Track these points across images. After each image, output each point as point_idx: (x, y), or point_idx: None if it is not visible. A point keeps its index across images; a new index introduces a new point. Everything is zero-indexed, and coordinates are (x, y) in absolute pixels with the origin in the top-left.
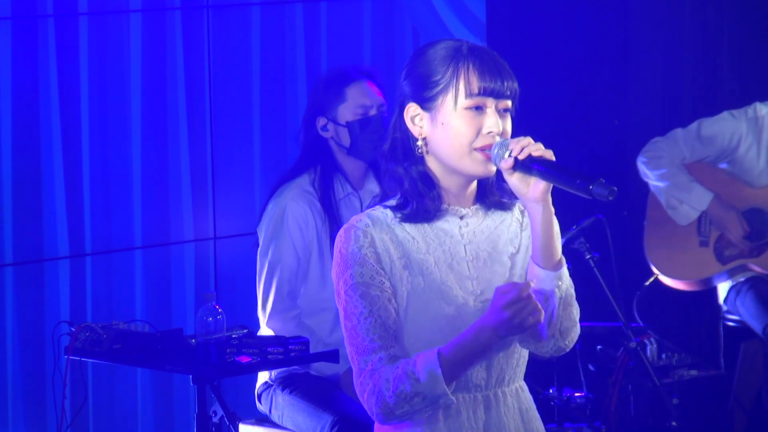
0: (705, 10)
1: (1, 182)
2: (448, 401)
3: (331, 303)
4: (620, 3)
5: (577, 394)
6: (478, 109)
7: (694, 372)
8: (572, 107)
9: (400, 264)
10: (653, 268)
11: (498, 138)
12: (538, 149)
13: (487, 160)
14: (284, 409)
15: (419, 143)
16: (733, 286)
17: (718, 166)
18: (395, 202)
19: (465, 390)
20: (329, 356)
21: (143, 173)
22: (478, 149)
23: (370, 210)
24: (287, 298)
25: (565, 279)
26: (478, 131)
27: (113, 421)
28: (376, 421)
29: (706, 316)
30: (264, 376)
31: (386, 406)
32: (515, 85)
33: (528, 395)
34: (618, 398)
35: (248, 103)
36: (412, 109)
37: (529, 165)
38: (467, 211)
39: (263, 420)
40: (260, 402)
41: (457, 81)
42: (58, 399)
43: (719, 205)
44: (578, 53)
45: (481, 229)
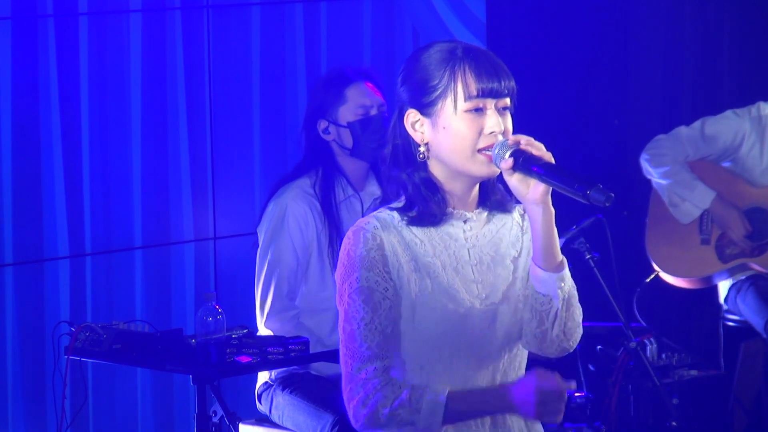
0: (705, 10)
1: (1, 182)
2: None
3: (331, 303)
4: (620, 3)
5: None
6: (478, 110)
7: (694, 372)
8: (572, 107)
9: (408, 267)
10: (654, 265)
11: (500, 137)
12: (539, 149)
13: (490, 161)
14: (284, 409)
15: (421, 149)
16: (733, 284)
17: (720, 164)
18: (401, 205)
19: None
20: (329, 356)
21: (143, 173)
22: (482, 150)
23: (377, 212)
24: (286, 299)
25: (568, 280)
26: (480, 132)
27: (113, 421)
28: (355, 423)
29: (707, 316)
30: (264, 376)
31: (377, 420)
32: (513, 82)
33: None
34: (618, 398)
35: (248, 103)
36: (411, 115)
37: (529, 166)
38: (471, 214)
39: (263, 420)
40: (260, 402)
41: (455, 85)
42: (58, 399)
43: (721, 204)
44: (578, 53)
45: (483, 233)
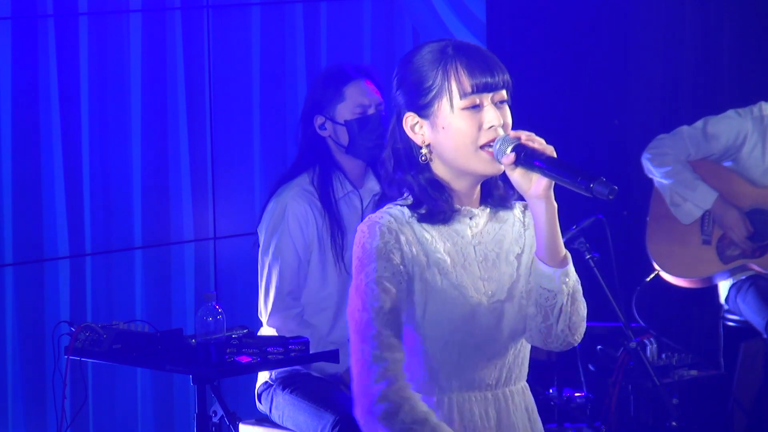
0: (705, 11)
1: (1, 182)
2: None
3: (331, 302)
4: (620, 3)
5: (577, 394)
6: (475, 107)
7: (694, 372)
8: (572, 107)
9: (421, 262)
10: (654, 264)
11: (500, 130)
12: (540, 144)
13: (493, 158)
14: (285, 409)
15: (423, 150)
16: (733, 284)
17: (722, 164)
18: (410, 202)
19: (477, 389)
20: (329, 356)
21: (143, 173)
22: (484, 146)
23: (387, 208)
24: (288, 297)
25: (572, 275)
26: (480, 128)
27: (113, 421)
28: (358, 404)
29: (707, 316)
30: (264, 376)
31: (386, 417)
32: (507, 75)
33: (530, 394)
34: (618, 398)
35: (248, 103)
36: (410, 119)
37: (531, 161)
38: (477, 211)
39: (263, 420)
40: (260, 402)
41: (449, 83)
42: (58, 399)
43: (723, 205)
44: (578, 53)
45: (487, 230)
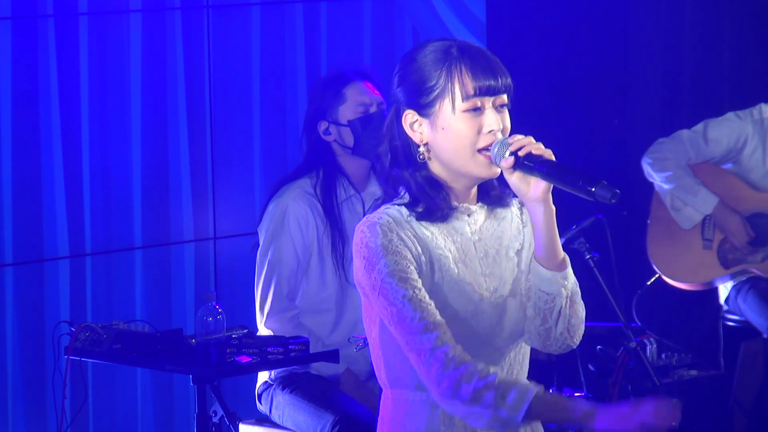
0: (705, 11)
1: (1, 182)
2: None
3: (331, 303)
4: (620, 3)
5: (577, 394)
6: (477, 110)
7: (694, 372)
8: (572, 108)
9: (422, 260)
10: (655, 268)
11: (499, 135)
12: (538, 148)
13: (490, 162)
14: (285, 409)
15: (421, 149)
16: (734, 285)
17: (722, 167)
18: (406, 200)
19: None
20: (329, 356)
21: (143, 173)
22: (482, 150)
23: (384, 209)
24: (286, 299)
25: (571, 278)
26: (479, 131)
27: (113, 421)
28: (437, 394)
29: (706, 316)
30: (264, 376)
31: (455, 393)
32: (509, 79)
33: None
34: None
35: (248, 103)
36: (410, 116)
37: (531, 165)
38: (475, 208)
39: (263, 420)
40: (260, 402)
41: (452, 85)
42: (58, 399)
43: (724, 210)
44: (578, 53)
45: (486, 226)
